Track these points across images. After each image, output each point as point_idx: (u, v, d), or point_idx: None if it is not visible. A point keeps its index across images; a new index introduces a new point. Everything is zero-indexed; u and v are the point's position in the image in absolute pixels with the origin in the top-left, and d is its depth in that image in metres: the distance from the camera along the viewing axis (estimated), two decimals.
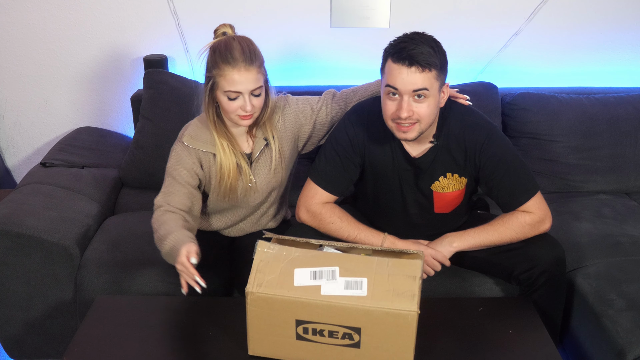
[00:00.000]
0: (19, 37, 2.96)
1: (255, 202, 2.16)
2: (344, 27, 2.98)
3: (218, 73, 1.90)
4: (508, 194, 2.02)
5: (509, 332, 1.83)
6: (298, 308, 1.59)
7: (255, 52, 1.91)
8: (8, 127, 3.15)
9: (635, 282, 2.09)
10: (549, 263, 2.01)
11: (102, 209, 2.56)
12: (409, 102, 1.84)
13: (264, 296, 1.60)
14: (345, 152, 2.05)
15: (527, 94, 2.86)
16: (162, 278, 2.20)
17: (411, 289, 1.58)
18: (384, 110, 1.91)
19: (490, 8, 2.96)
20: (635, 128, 2.79)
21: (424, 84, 1.82)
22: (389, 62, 1.86)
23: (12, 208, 2.30)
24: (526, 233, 2.03)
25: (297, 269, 1.63)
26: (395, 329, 1.57)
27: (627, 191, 2.80)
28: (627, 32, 3.02)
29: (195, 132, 2.06)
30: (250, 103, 1.91)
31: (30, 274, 2.22)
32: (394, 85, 1.84)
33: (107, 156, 2.90)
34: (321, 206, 2.08)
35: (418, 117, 1.86)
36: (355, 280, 1.60)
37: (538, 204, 2.03)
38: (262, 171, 2.11)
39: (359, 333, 1.59)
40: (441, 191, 2.06)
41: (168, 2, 2.91)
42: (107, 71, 3.05)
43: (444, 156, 2.02)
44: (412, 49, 1.81)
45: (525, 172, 2.04)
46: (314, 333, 1.62)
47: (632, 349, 1.84)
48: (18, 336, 2.33)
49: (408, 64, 1.81)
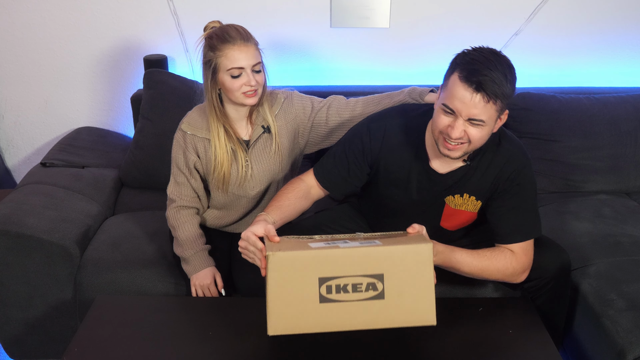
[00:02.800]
0: (19, 37, 2.96)
1: (254, 191, 2.17)
2: (344, 27, 2.98)
3: (219, 54, 1.95)
4: (509, 228, 1.94)
5: (509, 332, 1.83)
6: (320, 263, 1.59)
7: (248, 32, 2.00)
8: (8, 127, 3.15)
9: (636, 282, 2.09)
10: (555, 272, 2.00)
11: (102, 209, 2.55)
12: (463, 125, 1.75)
13: (285, 255, 1.59)
14: (355, 159, 2.03)
15: (528, 94, 2.85)
16: (162, 278, 2.21)
17: (420, 237, 1.70)
18: (435, 122, 1.82)
19: (490, 8, 2.96)
20: (635, 128, 2.78)
21: (482, 115, 1.73)
22: (454, 76, 1.74)
23: (12, 208, 2.30)
24: (505, 277, 1.94)
25: (311, 243, 1.68)
26: (415, 266, 1.60)
27: (627, 191, 2.80)
28: (627, 32, 3.02)
29: (194, 119, 2.13)
30: (253, 78, 1.96)
31: (30, 274, 2.23)
32: (452, 106, 1.74)
33: (107, 156, 2.90)
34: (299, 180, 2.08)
35: (469, 139, 1.78)
36: (368, 240, 1.68)
37: (527, 250, 1.94)
38: (259, 158, 2.14)
39: (382, 280, 1.60)
40: (454, 207, 2.01)
41: (168, 2, 2.91)
42: (107, 71, 3.05)
43: (472, 178, 1.95)
44: (485, 74, 1.69)
45: (535, 216, 1.96)
46: (338, 290, 1.60)
47: (633, 349, 1.84)
48: (18, 336, 2.33)
49: (475, 89, 1.70)
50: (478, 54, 1.75)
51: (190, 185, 2.15)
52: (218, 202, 2.22)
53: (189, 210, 2.16)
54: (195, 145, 2.11)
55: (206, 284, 2.07)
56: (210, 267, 2.10)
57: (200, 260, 2.10)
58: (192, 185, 2.16)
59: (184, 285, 2.16)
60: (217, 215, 2.26)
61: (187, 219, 2.14)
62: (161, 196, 2.67)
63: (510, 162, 1.92)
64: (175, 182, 2.17)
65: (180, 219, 2.14)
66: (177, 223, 2.13)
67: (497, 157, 1.92)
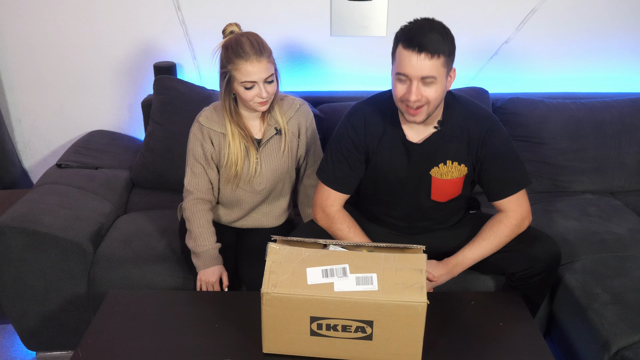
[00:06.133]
0: (36, 45, 2.97)
1: (260, 187, 2.19)
2: (343, 35, 2.98)
3: (233, 67, 1.98)
4: (499, 185, 2.01)
5: (500, 324, 1.83)
6: (312, 306, 1.59)
7: (263, 44, 2.00)
8: (25, 130, 3.15)
9: (619, 277, 2.09)
10: (546, 263, 2.01)
11: (115, 208, 2.56)
12: (417, 87, 1.82)
13: (279, 296, 1.59)
14: (350, 153, 2.04)
15: (517, 99, 2.86)
16: (171, 273, 2.21)
17: (419, 281, 1.58)
18: (395, 93, 1.89)
19: (481, 17, 2.96)
20: (619, 131, 2.79)
21: (431, 71, 1.80)
22: (399, 47, 1.83)
23: (29, 207, 2.30)
24: (513, 233, 2.02)
25: (309, 268, 1.62)
26: (406, 319, 1.57)
27: (611, 191, 2.80)
28: (612, 40, 3.02)
29: (211, 113, 2.16)
30: (265, 90, 2.00)
31: (46, 270, 2.23)
32: (404, 72, 1.81)
33: (119, 158, 2.90)
34: (336, 211, 2.08)
35: (426, 100, 1.84)
36: (365, 276, 1.60)
37: (520, 201, 2.02)
38: (269, 157, 2.17)
39: (372, 326, 1.59)
40: (440, 177, 2.03)
41: (176, 11, 2.91)
42: (119, 77, 3.06)
43: (446, 143, 1.99)
44: (422, 36, 1.78)
45: (519, 165, 2.03)
46: (328, 328, 1.61)
47: (616, 341, 1.84)
48: (34, 328, 2.34)
49: (418, 50, 1.78)
50: (413, 24, 1.85)
51: (207, 176, 2.17)
52: (226, 199, 2.23)
53: (204, 205, 2.16)
54: (211, 137, 2.14)
55: (211, 281, 2.07)
56: (218, 265, 2.10)
57: (210, 258, 2.10)
58: (208, 176, 2.17)
59: (192, 279, 2.16)
60: (224, 212, 2.27)
61: (202, 214, 2.14)
62: (170, 196, 2.69)
63: (477, 122, 1.99)
64: (192, 174, 2.17)
65: (196, 213, 2.14)
66: (192, 217, 2.13)
67: (463, 120, 1.99)
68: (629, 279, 2.08)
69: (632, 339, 1.83)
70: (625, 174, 2.79)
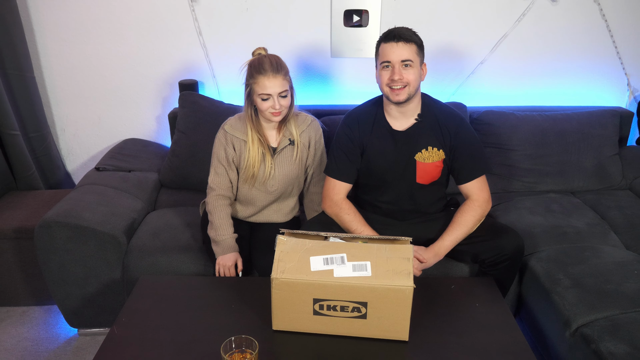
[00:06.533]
0: (78, 66, 2.97)
1: (272, 188, 2.19)
2: (342, 57, 2.98)
3: (253, 81, 2.01)
4: (467, 170, 2.09)
5: (476, 305, 1.83)
6: (315, 289, 1.59)
7: (281, 64, 2.03)
8: (68, 138, 3.16)
9: (579, 264, 2.10)
10: (511, 251, 2.02)
11: (145, 205, 2.56)
12: (399, 69, 1.95)
13: (286, 281, 1.59)
14: (347, 148, 2.12)
15: (491, 112, 2.86)
16: (194, 261, 2.21)
17: (406, 268, 1.59)
18: (381, 80, 2.02)
19: (460, 42, 2.96)
20: (579, 139, 2.79)
21: (409, 55, 1.95)
22: (381, 45, 1.99)
23: (72, 204, 2.31)
24: (481, 214, 2.09)
25: (312, 257, 1.63)
26: (396, 301, 1.58)
27: (572, 190, 2.80)
28: (572, 61, 3.02)
29: (235, 122, 2.17)
30: (278, 102, 2.03)
31: (86, 258, 2.23)
32: (387, 59, 1.96)
33: (149, 162, 2.90)
34: (342, 199, 2.14)
35: (407, 81, 1.96)
36: (360, 264, 1.60)
37: (482, 187, 2.10)
38: (282, 163, 2.18)
39: (366, 306, 1.60)
40: (423, 161, 2.08)
41: (198, 36, 2.91)
42: (149, 93, 3.06)
43: (426, 131, 2.07)
44: (397, 31, 1.96)
45: (482, 154, 2.12)
46: (328, 309, 1.62)
47: (576, 319, 1.85)
48: (76, 309, 2.34)
49: (396, 40, 1.95)
50: (391, 29, 2.00)
51: (228, 176, 2.17)
52: (242, 197, 2.23)
53: (224, 200, 2.17)
54: (234, 143, 2.14)
55: (228, 265, 2.08)
56: (235, 252, 2.11)
57: (228, 245, 2.10)
58: (229, 176, 2.17)
59: (212, 267, 2.17)
60: (240, 208, 2.27)
61: (222, 208, 2.15)
62: (193, 195, 2.69)
63: (449, 118, 2.08)
64: (215, 173, 2.18)
65: (217, 207, 2.15)
66: (214, 210, 2.15)
67: (438, 114, 2.09)
68: (587, 266, 2.08)
69: (590, 317, 1.84)
70: (584, 176, 2.79)
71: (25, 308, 2.62)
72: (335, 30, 2.91)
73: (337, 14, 2.87)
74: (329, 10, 2.88)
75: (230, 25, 2.90)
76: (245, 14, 2.88)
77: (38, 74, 2.98)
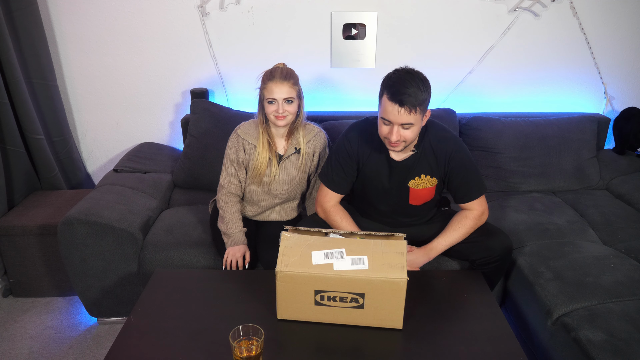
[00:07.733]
0: (97, 74, 2.98)
1: (276, 192, 2.20)
2: (341, 67, 2.98)
3: (264, 87, 2.04)
4: (464, 191, 2.02)
5: (465, 296, 1.83)
6: (316, 281, 1.59)
7: (290, 73, 2.04)
8: (89, 142, 3.16)
9: (559, 258, 2.10)
10: (501, 253, 2.01)
11: (159, 204, 2.56)
12: (398, 130, 1.82)
13: (290, 274, 1.60)
14: (345, 162, 2.05)
15: (479, 118, 2.86)
16: (205, 256, 2.21)
17: (401, 262, 1.59)
18: (380, 131, 1.89)
19: (451, 53, 2.96)
20: (559, 143, 2.79)
21: (409, 120, 1.80)
22: (384, 97, 1.81)
23: (92, 203, 2.31)
24: (476, 225, 2.04)
25: (314, 251, 1.63)
26: (391, 292, 1.58)
27: (553, 190, 2.80)
28: (553, 71, 3.02)
29: (248, 128, 2.17)
30: (282, 107, 2.03)
31: (105, 253, 2.24)
32: (387, 118, 1.82)
33: (163, 164, 2.90)
34: (331, 206, 2.10)
35: (405, 139, 1.85)
36: (358, 258, 1.60)
37: (481, 201, 2.04)
38: (287, 170, 2.18)
39: (363, 297, 1.60)
40: (415, 187, 2.04)
41: (209, 48, 2.92)
42: (163, 100, 3.06)
43: (421, 162, 2.00)
44: (403, 92, 1.75)
45: (478, 177, 2.04)
46: (329, 299, 1.62)
47: (557, 309, 1.85)
48: (96, 299, 2.34)
49: (399, 105, 1.77)
50: (397, 76, 1.80)
51: (237, 176, 2.18)
52: (249, 197, 2.24)
53: (234, 197, 2.19)
54: (244, 146, 2.15)
55: (237, 256, 2.08)
56: (243, 244, 2.11)
57: (238, 238, 2.11)
58: (238, 176, 2.18)
59: (221, 261, 2.16)
60: (247, 208, 2.27)
61: (232, 204, 2.17)
62: (204, 194, 2.69)
63: (443, 144, 1.98)
64: (226, 173, 2.19)
65: (227, 203, 2.16)
66: (225, 206, 2.16)
67: (433, 143, 1.98)
68: (567, 260, 2.08)
69: (569, 307, 1.84)
70: (564, 177, 2.79)
71: (49, 299, 2.62)
72: (334, 43, 2.91)
73: (337, 27, 2.87)
74: (329, 24, 2.88)
75: (238, 38, 2.90)
76: (252, 28, 2.88)
77: (61, 82, 2.98)
